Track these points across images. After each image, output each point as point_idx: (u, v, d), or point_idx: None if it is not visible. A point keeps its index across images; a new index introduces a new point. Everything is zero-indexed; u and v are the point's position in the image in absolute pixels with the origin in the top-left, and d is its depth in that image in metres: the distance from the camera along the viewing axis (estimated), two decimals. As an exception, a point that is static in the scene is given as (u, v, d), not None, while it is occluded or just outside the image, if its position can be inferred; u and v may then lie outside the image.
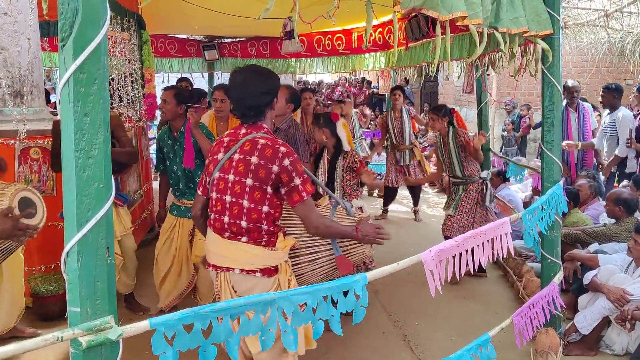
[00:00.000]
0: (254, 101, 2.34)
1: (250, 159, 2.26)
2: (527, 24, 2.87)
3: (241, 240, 2.31)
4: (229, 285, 2.34)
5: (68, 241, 1.37)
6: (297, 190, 2.26)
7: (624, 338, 3.43)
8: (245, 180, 2.27)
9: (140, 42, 5.84)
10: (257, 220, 2.29)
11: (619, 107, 5.84)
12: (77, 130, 1.36)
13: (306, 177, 2.30)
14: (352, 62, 7.83)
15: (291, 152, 2.29)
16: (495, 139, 9.88)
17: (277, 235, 2.38)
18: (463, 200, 4.78)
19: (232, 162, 2.32)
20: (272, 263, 2.33)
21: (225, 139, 2.41)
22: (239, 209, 2.29)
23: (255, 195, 2.26)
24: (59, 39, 1.38)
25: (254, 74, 2.39)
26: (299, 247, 2.62)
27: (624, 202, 4.21)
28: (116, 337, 1.39)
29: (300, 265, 2.63)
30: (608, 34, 7.06)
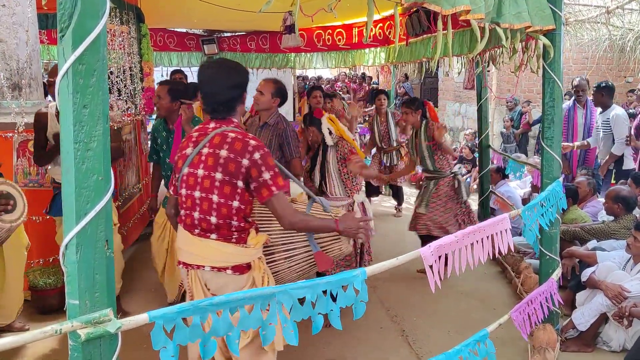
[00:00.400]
0: (224, 96, 2.30)
1: (219, 153, 2.21)
2: (531, 19, 2.85)
3: (210, 237, 2.25)
4: (201, 283, 2.30)
5: (67, 233, 1.36)
6: (266, 186, 2.20)
7: (621, 335, 3.44)
8: (215, 175, 2.21)
9: (139, 36, 5.82)
10: (227, 216, 2.23)
11: (611, 106, 5.85)
12: (76, 122, 1.35)
13: (277, 171, 2.24)
14: (352, 58, 7.81)
15: (261, 146, 2.24)
16: (494, 135, 9.87)
17: (248, 231, 2.31)
18: (433, 197, 4.74)
19: (201, 156, 2.26)
20: (243, 260, 2.28)
21: (194, 133, 2.35)
22: (209, 204, 2.23)
23: (225, 190, 2.21)
24: (58, 29, 1.37)
25: (223, 68, 2.34)
26: (274, 244, 2.54)
27: (623, 200, 4.21)
28: (115, 329, 1.39)
29: (276, 262, 2.55)
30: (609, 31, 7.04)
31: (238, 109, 2.37)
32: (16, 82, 4.11)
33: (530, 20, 2.85)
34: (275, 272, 2.53)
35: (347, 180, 3.97)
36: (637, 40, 7.45)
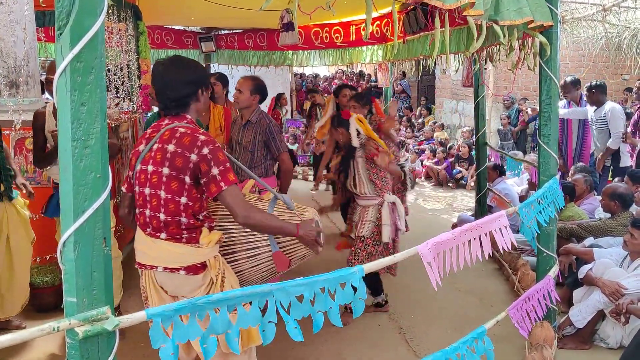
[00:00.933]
0: (174, 92, 2.25)
1: (167, 147, 2.18)
2: (532, 14, 2.84)
3: (160, 237, 2.21)
4: (156, 284, 2.26)
5: (65, 231, 1.36)
6: (214, 181, 2.14)
7: (618, 332, 3.46)
8: (162, 170, 2.18)
9: (136, 33, 5.80)
10: (175, 213, 2.18)
11: (604, 102, 5.89)
12: (73, 120, 1.35)
13: (228, 166, 2.17)
14: (350, 55, 7.81)
15: (211, 141, 2.19)
16: (492, 133, 9.88)
17: (200, 230, 2.26)
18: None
19: (151, 152, 2.23)
20: (196, 260, 2.22)
21: (149, 130, 2.33)
22: (157, 200, 2.20)
23: (172, 186, 2.17)
24: (56, 27, 1.37)
25: (175, 65, 2.31)
26: (236, 242, 2.45)
27: (620, 197, 4.23)
28: (112, 327, 1.39)
29: (239, 262, 2.46)
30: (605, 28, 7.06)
31: (192, 106, 2.32)
32: (13, 79, 4.10)
33: (532, 15, 2.84)
34: (238, 272, 2.45)
35: (377, 180, 3.89)
36: (633, 38, 7.47)
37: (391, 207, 3.90)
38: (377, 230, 3.86)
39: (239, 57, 8.40)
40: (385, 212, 3.85)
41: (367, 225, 3.86)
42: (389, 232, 3.82)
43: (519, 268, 4.55)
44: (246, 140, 3.85)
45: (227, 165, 2.18)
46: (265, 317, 1.65)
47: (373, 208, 3.88)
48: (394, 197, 3.96)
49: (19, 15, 4.00)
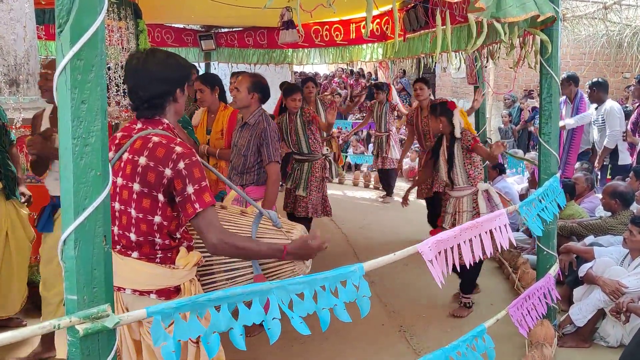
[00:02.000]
0: (148, 91, 1.96)
1: (138, 160, 1.90)
2: (538, 8, 2.82)
3: (132, 255, 1.95)
4: (122, 307, 1.96)
5: (65, 229, 1.36)
6: (189, 201, 1.86)
7: (618, 330, 3.46)
8: (132, 185, 1.91)
9: (137, 31, 5.80)
10: (148, 233, 1.93)
11: (605, 100, 5.89)
12: (74, 118, 1.35)
13: (204, 185, 1.89)
14: (350, 53, 7.80)
15: (189, 154, 1.89)
16: (492, 131, 9.88)
17: (177, 249, 2.01)
18: (311, 179, 5.00)
19: (121, 162, 1.95)
20: (170, 283, 1.96)
21: (118, 134, 2.04)
22: (128, 218, 1.94)
23: (144, 204, 1.90)
24: (56, 25, 1.37)
25: (151, 60, 1.98)
26: (215, 264, 2.21)
27: (620, 195, 4.22)
28: (113, 325, 1.39)
29: (217, 284, 2.22)
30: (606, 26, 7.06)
31: (170, 108, 2.03)
32: (14, 77, 4.10)
33: (537, 9, 2.82)
34: None
35: (471, 169, 3.99)
36: (634, 36, 7.46)
37: (486, 195, 3.97)
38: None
39: (239, 55, 8.38)
40: (481, 200, 3.91)
41: (465, 215, 3.96)
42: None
43: (519, 266, 4.55)
44: (241, 143, 3.61)
45: (204, 184, 1.90)
46: (269, 314, 1.65)
47: (467, 198, 3.98)
48: (487, 185, 4.05)
49: (19, 13, 4.00)
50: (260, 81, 3.59)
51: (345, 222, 6.55)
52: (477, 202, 3.94)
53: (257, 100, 3.57)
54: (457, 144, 3.99)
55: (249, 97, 3.54)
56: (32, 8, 4.13)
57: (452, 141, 4.01)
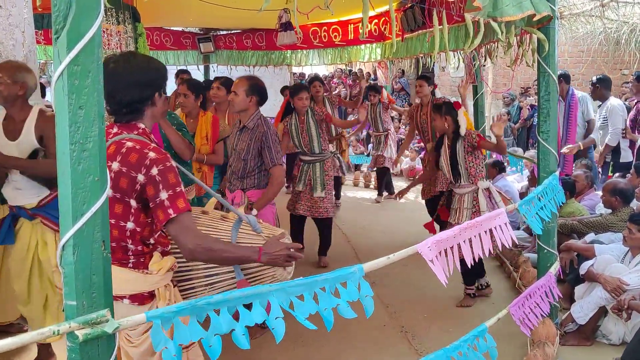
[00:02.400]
0: (126, 95, 1.93)
1: (111, 165, 1.87)
2: (534, 7, 2.83)
3: None
4: None
5: (63, 234, 1.37)
6: (162, 207, 1.83)
7: (620, 328, 3.45)
8: None
9: (135, 35, 5.81)
10: (121, 239, 1.91)
11: (608, 97, 5.87)
12: (71, 123, 1.35)
13: (179, 191, 1.86)
14: (348, 54, 7.81)
15: (162, 159, 1.87)
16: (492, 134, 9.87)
17: (151, 255, 1.98)
18: (326, 179, 4.97)
19: None
20: (143, 288, 1.93)
21: None
22: None
23: (116, 209, 1.88)
24: (53, 31, 1.37)
25: (126, 63, 1.95)
26: (194, 269, 2.17)
27: (621, 192, 4.22)
28: (112, 330, 1.39)
29: (196, 291, 2.18)
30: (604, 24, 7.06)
31: (147, 113, 2.01)
32: (12, 83, 4.10)
33: (533, 8, 2.83)
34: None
35: (472, 168, 4.06)
36: (632, 32, 7.47)
37: (487, 193, 4.05)
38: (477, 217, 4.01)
39: (238, 57, 8.39)
40: (482, 198, 4.00)
41: (465, 212, 4.04)
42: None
43: (520, 265, 4.55)
44: (240, 147, 3.56)
45: (178, 189, 1.86)
46: (272, 314, 1.64)
47: (469, 195, 4.06)
48: (487, 183, 4.13)
49: (17, 18, 4.00)
50: (257, 83, 3.55)
51: (346, 223, 6.56)
52: (478, 199, 4.01)
53: (255, 103, 3.53)
54: (460, 142, 4.05)
55: (247, 100, 3.49)
56: (30, 13, 4.13)
57: (454, 140, 4.08)
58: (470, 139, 4.02)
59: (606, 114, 5.83)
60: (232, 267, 2.17)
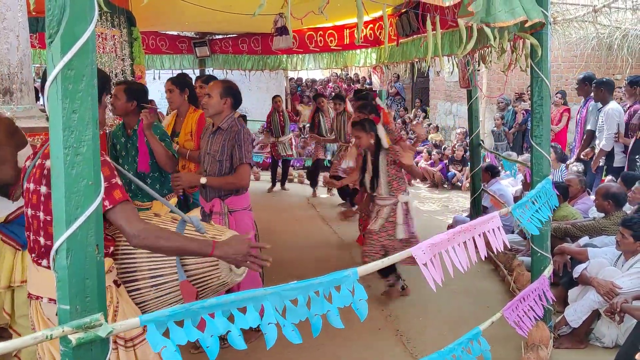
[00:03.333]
0: None
1: (45, 163, 1.90)
2: (526, 13, 2.85)
3: (42, 264, 1.94)
4: (44, 317, 1.94)
5: (57, 238, 1.37)
6: None
7: (613, 331, 3.47)
8: (40, 188, 1.92)
9: (130, 39, 5.81)
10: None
11: (609, 101, 5.90)
12: (65, 127, 1.36)
13: (114, 182, 1.85)
14: (344, 58, 7.84)
15: None
16: (486, 134, 9.92)
17: None
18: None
19: (34, 169, 1.97)
20: None
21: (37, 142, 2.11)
22: (37, 222, 1.94)
23: (50, 205, 1.80)
24: (46, 35, 1.37)
25: None
26: (138, 269, 2.12)
27: (613, 196, 4.25)
28: (106, 334, 1.39)
29: (141, 291, 2.12)
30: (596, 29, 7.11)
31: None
32: (7, 87, 4.09)
33: (525, 14, 2.85)
34: (141, 303, 2.13)
35: (394, 181, 4.19)
36: (624, 38, 7.53)
37: (405, 207, 4.20)
38: (392, 226, 4.17)
39: (234, 61, 8.42)
40: (400, 211, 4.14)
41: (379, 221, 4.19)
42: (402, 230, 4.15)
43: (514, 268, 4.57)
44: (214, 148, 3.46)
45: (113, 181, 1.85)
46: (265, 319, 1.65)
47: (388, 208, 4.19)
48: (407, 198, 4.26)
49: (12, 22, 4.00)
50: (231, 86, 3.52)
51: (340, 225, 6.56)
52: (396, 212, 4.15)
53: (229, 105, 3.47)
54: (383, 155, 4.19)
55: (221, 102, 3.44)
56: (25, 17, 4.13)
57: (377, 152, 4.21)
58: (394, 153, 4.15)
59: (603, 118, 5.86)
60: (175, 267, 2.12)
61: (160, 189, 3.69)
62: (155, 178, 3.70)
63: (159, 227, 2.01)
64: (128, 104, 3.58)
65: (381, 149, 4.21)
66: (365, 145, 4.25)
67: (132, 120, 3.65)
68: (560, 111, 8.28)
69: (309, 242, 6.04)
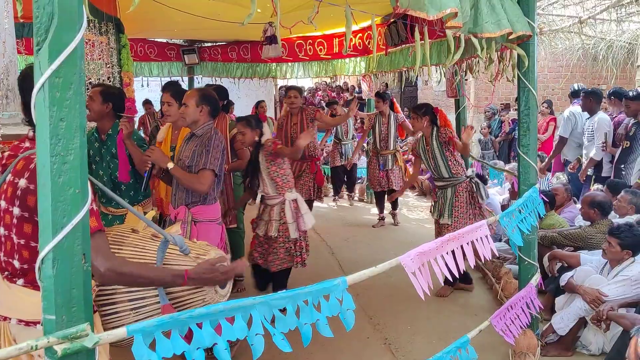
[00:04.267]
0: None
1: (18, 182, 1.77)
2: (512, 25, 2.89)
3: (17, 283, 1.80)
4: (11, 338, 1.81)
5: (43, 248, 1.35)
6: None
7: (599, 338, 3.50)
8: (13, 209, 1.79)
9: (118, 46, 5.79)
10: (32, 260, 1.74)
11: (597, 111, 5.98)
12: (52, 136, 1.34)
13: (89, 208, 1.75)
14: (333, 67, 7.87)
15: None
16: (473, 142, 10.01)
17: None
18: (456, 205, 4.56)
19: (4, 185, 1.83)
20: None
21: (5, 153, 1.94)
22: (11, 244, 1.81)
23: (25, 229, 1.76)
24: (34, 43, 1.36)
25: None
26: (118, 292, 2.03)
27: (599, 205, 4.29)
28: (92, 344, 1.38)
29: (120, 315, 2.02)
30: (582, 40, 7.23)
31: None
32: (-7, 93, 4.05)
33: (511, 27, 2.89)
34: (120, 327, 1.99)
35: (277, 177, 4.07)
36: (609, 49, 7.66)
37: (294, 204, 4.08)
38: (284, 228, 4.06)
39: (223, 69, 8.40)
40: (288, 210, 4.03)
41: (274, 224, 4.05)
42: (294, 228, 4.05)
43: (501, 276, 4.59)
44: (185, 154, 3.35)
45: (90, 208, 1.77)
46: (252, 330, 1.64)
47: (277, 207, 4.07)
48: (295, 195, 4.14)
49: (-2, 28, 3.97)
50: (207, 94, 3.43)
51: (330, 234, 6.56)
52: (284, 211, 4.04)
53: (206, 113, 3.37)
54: (261, 152, 4.06)
55: (197, 110, 3.34)
56: (12, 24, 4.10)
57: (255, 151, 4.10)
58: (267, 147, 4.04)
59: (593, 128, 5.93)
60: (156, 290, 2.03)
61: (135, 195, 3.65)
62: (130, 185, 3.64)
63: (124, 263, 1.83)
64: (103, 106, 3.51)
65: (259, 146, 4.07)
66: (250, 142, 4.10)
67: (106, 125, 3.58)
68: (546, 120, 8.38)
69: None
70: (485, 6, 2.78)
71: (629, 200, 4.43)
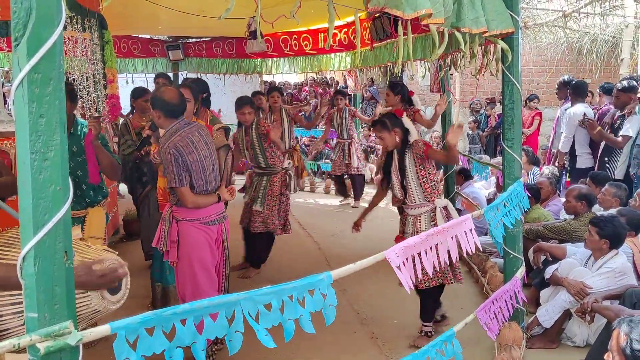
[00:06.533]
0: None
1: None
2: (487, 24, 2.92)
3: None
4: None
5: (24, 245, 1.33)
6: None
7: (584, 330, 3.54)
8: None
9: (102, 42, 5.72)
10: None
11: (575, 104, 6.00)
12: (32, 132, 1.33)
13: None
14: (319, 62, 7.85)
15: None
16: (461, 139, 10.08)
17: None
18: (268, 194, 4.93)
19: None
20: None
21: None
22: None
23: None
24: (12, 38, 1.35)
25: None
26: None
27: (585, 197, 4.35)
28: (75, 342, 1.37)
29: (3, 318, 1.99)
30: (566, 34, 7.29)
31: None
32: (-27, 91, 4.00)
33: (486, 26, 2.92)
34: (4, 331, 1.99)
35: (427, 183, 3.56)
36: (593, 43, 7.73)
37: (444, 212, 3.56)
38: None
39: (208, 65, 8.35)
40: (440, 219, 3.50)
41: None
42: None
43: (487, 270, 4.63)
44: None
45: None
46: (232, 327, 1.64)
47: (425, 216, 3.57)
48: (445, 202, 3.61)
49: (-22, 26, 3.91)
50: (157, 97, 3.17)
51: (316, 230, 6.56)
52: (436, 220, 3.53)
53: (162, 118, 3.14)
54: (409, 155, 3.56)
55: (156, 118, 3.17)
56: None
57: (402, 153, 3.59)
58: (417, 149, 3.53)
59: (566, 119, 5.98)
60: None
61: (95, 195, 3.57)
62: (90, 185, 3.54)
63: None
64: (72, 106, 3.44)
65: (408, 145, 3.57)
66: (391, 144, 3.60)
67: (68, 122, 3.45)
68: (532, 114, 8.44)
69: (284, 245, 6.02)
70: (466, 1, 2.80)
71: (613, 194, 4.49)
